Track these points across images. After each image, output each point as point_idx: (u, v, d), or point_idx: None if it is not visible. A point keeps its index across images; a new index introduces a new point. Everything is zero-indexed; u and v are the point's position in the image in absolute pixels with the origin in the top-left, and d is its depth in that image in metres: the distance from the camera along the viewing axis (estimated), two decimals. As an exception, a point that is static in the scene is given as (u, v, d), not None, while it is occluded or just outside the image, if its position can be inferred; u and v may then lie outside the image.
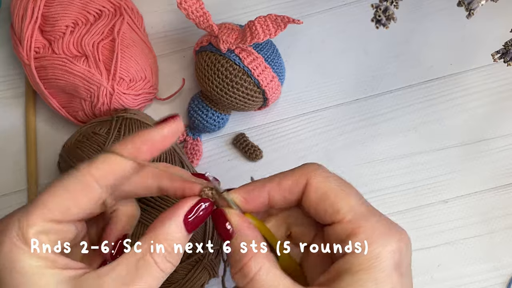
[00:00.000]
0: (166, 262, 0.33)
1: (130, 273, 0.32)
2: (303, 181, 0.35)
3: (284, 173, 0.36)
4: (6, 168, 0.56)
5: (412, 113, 0.56)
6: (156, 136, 0.35)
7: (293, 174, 0.35)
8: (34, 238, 0.32)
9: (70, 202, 0.33)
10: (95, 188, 0.33)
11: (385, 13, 0.43)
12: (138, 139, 0.35)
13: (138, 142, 0.34)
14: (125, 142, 0.35)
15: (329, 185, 0.34)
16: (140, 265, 0.32)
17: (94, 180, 0.33)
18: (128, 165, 0.34)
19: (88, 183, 0.33)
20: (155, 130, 0.35)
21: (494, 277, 0.53)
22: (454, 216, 0.54)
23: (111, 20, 0.54)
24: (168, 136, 0.35)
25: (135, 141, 0.34)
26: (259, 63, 0.52)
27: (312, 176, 0.35)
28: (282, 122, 0.56)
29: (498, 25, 0.55)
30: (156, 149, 0.35)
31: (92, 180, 0.33)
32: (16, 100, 0.58)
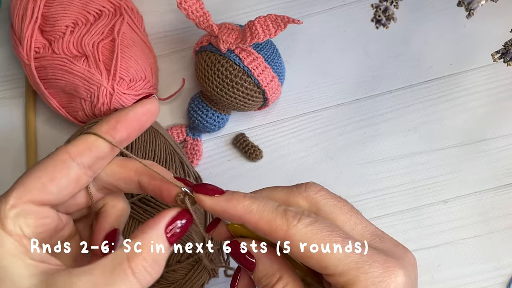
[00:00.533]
0: (144, 273, 0.32)
1: (104, 278, 0.31)
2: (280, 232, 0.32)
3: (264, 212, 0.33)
4: (6, 168, 0.56)
5: (412, 113, 0.56)
6: (130, 114, 0.35)
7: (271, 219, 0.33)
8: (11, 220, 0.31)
9: (46, 180, 0.33)
10: (71, 165, 0.34)
11: (385, 13, 0.43)
12: (112, 118, 0.35)
13: (113, 121, 0.35)
14: (101, 122, 0.35)
15: (310, 238, 0.32)
16: (116, 271, 0.31)
17: (69, 157, 0.34)
18: (104, 144, 0.34)
19: (63, 160, 0.33)
20: (128, 108, 0.35)
21: (494, 277, 0.53)
22: (454, 216, 0.54)
23: (111, 20, 0.54)
24: (142, 114, 0.35)
25: (110, 120, 0.35)
26: (259, 63, 0.52)
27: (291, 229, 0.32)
28: (282, 122, 0.56)
29: (498, 25, 0.55)
30: (131, 127, 0.35)
31: (67, 157, 0.34)
32: (16, 100, 0.58)
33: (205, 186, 0.34)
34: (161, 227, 0.33)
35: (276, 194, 0.35)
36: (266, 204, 0.33)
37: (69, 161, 0.34)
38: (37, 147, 0.56)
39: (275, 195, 0.35)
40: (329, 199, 0.35)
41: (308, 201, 0.35)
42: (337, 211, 0.34)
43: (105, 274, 0.31)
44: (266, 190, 0.36)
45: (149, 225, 0.33)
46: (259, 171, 0.55)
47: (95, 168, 0.35)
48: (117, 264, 0.31)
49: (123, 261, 0.31)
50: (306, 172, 0.55)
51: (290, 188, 0.35)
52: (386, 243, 0.34)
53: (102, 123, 0.35)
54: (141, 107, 0.36)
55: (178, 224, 0.33)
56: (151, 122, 0.36)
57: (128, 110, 0.35)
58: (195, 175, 0.52)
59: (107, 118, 0.35)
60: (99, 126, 0.35)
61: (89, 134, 0.35)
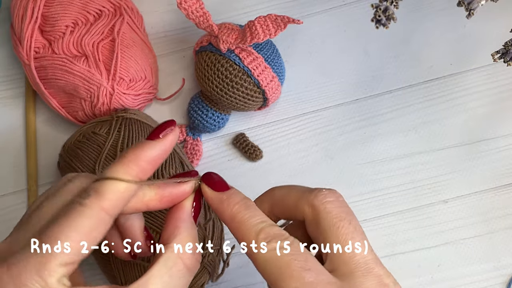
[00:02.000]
0: (195, 262, 0.33)
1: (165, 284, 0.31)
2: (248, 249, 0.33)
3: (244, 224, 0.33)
4: (6, 168, 0.56)
5: (412, 113, 0.56)
6: (158, 153, 0.33)
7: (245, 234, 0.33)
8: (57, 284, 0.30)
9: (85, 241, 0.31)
10: (108, 221, 0.32)
11: (385, 13, 0.43)
12: (141, 159, 0.33)
13: (142, 162, 0.32)
14: (128, 164, 0.32)
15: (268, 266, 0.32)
16: (173, 273, 0.32)
17: (106, 214, 0.31)
18: (134, 189, 0.33)
19: (101, 219, 0.31)
20: (157, 146, 0.33)
21: (494, 277, 0.53)
22: (454, 216, 0.54)
23: (111, 20, 0.54)
24: (168, 149, 0.34)
25: (139, 162, 0.32)
26: (259, 63, 0.52)
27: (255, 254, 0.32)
28: (282, 122, 0.56)
29: (498, 25, 0.55)
30: (157, 165, 0.34)
31: (104, 215, 0.31)
32: (16, 100, 0.58)
33: (212, 178, 0.35)
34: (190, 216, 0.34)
35: (291, 195, 0.35)
36: (250, 217, 0.33)
37: (106, 218, 0.31)
38: (37, 147, 0.56)
39: (289, 195, 0.35)
40: (330, 214, 0.33)
41: (312, 209, 0.34)
42: (332, 231, 0.33)
43: (163, 280, 0.31)
44: (285, 188, 0.36)
45: (180, 218, 0.34)
46: (259, 171, 0.55)
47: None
48: (171, 266, 0.32)
49: (176, 262, 0.32)
50: (306, 172, 0.55)
51: (303, 192, 0.35)
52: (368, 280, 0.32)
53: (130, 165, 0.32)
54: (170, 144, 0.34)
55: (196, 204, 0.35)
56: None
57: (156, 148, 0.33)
58: (195, 175, 0.52)
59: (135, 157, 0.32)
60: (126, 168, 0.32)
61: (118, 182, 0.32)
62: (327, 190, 0.34)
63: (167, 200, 0.35)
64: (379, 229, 0.54)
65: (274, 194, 0.36)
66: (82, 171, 0.49)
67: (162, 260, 0.32)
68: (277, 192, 0.36)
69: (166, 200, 0.35)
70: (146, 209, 0.35)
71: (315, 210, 0.33)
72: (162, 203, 0.35)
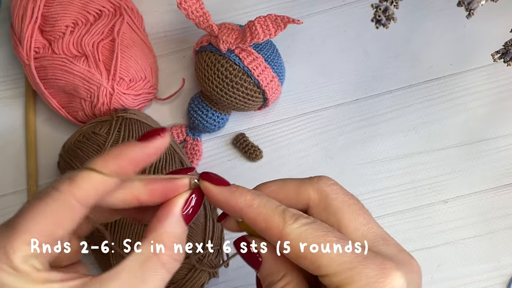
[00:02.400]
0: (172, 261, 0.32)
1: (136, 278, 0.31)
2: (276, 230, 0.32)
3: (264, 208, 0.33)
4: (6, 168, 0.56)
5: (412, 113, 0.56)
6: (140, 154, 0.33)
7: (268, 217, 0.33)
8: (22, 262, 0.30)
9: (53, 226, 0.31)
10: (77, 208, 0.32)
11: (385, 13, 0.43)
12: (121, 157, 0.33)
13: (121, 160, 0.33)
14: (107, 158, 0.33)
15: (305, 237, 0.32)
16: (146, 268, 0.31)
17: (76, 201, 0.32)
18: (110, 183, 0.33)
19: (70, 205, 0.32)
20: (139, 148, 0.33)
21: (494, 277, 0.53)
22: (454, 216, 0.54)
23: (111, 20, 0.54)
24: (153, 154, 0.34)
25: (118, 159, 0.33)
26: (259, 63, 0.52)
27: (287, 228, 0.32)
28: (282, 122, 0.56)
29: (498, 25, 0.55)
30: (139, 166, 0.34)
31: (74, 201, 0.32)
32: (16, 100, 0.58)
33: (211, 175, 0.35)
34: (177, 213, 0.33)
35: (288, 185, 0.35)
36: (267, 202, 0.33)
37: (75, 205, 0.32)
38: (37, 147, 0.56)
39: (286, 186, 0.35)
40: (339, 194, 0.34)
41: (318, 193, 0.34)
42: (344, 208, 0.34)
43: (135, 274, 0.31)
44: (278, 181, 0.36)
45: (165, 214, 0.33)
46: (259, 171, 0.55)
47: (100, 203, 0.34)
48: (144, 260, 0.31)
49: (150, 257, 0.32)
50: (306, 172, 0.55)
51: (302, 180, 0.35)
52: (390, 247, 0.33)
53: (108, 160, 0.33)
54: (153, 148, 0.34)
55: (191, 203, 0.34)
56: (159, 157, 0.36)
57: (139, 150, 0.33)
58: (195, 175, 0.52)
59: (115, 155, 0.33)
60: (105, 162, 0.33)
61: (94, 173, 0.32)
62: (325, 176, 0.35)
63: (158, 194, 0.34)
64: (379, 229, 0.54)
65: (266, 187, 0.36)
66: (82, 171, 0.49)
67: (137, 255, 0.32)
68: (269, 185, 0.36)
69: (157, 194, 0.34)
70: (138, 203, 0.35)
71: (323, 193, 0.34)
72: (153, 197, 0.34)
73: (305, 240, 0.32)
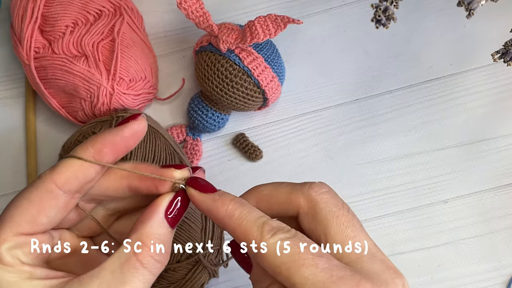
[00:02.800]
0: (153, 262, 0.32)
1: (115, 278, 0.31)
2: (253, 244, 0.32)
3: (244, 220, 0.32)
4: (6, 168, 0.56)
5: (412, 113, 0.56)
6: (117, 138, 0.34)
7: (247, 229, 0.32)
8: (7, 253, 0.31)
9: (35, 212, 0.32)
10: (59, 194, 0.33)
11: (385, 13, 0.43)
12: (98, 141, 0.34)
13: (99, 144, 0.33)
14: (86, 144, 0.34)
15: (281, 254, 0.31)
16: (125, 268, 0.31)
17: (56, 187, 0.33)
18: (91, 169, 0.33)
19: (50, 190, 0.32)
20: (114, 131, 0.34)
21: (494, 277, 0.53)
22: (454, 216, 0.54)
23: (111, 20, 0.54)
24: (129, 137, 0.34)
25: (96, 144, 0.34)
26: (259, 63, 0.52)
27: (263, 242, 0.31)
28: (282, 122, 0.56)
29: (498, 25, 0.55)
30: (119, 151, 0.34)
31: (54, 187, 0.33)
32: (16, 100, 0.58)
33: (198, 181, 0.34)
34: (161, 214, 0.33)
35: (281, 190, 0.35)
36: (248, 213, 0.32)
37: (56, 191, 0.33)
38: (37, 147, 0.56)
39: (279, 190, 0.35)
40: (328, 204, 0.33)
41: (308, 201, 0.34)
42: (332, 220, 0.33)
43: (114, 274, 0.31)
44: (272, 185, 0.35)
45: (148, 215, 0.33)
46: (259, 171, 0.55)
47: (83, 190, 0.34)
48: (124, 261, 0.31)
49: (130, 257, 0.31)
50: (306, 172, 0.55)
51: (294, 186, 0.35)
52: (375, 264, 0.32)
53: (87, 146, 0.34)
54: (128, 130, 0.34)
55: (177, 206, 0.34)
56: (138, 142, 0.35)
57: (115, 133, 0.34)
58: (195, 175, 0.52)
59: (93, 140, 0.34)
60: (84, 149, 0.34)
61: (73, 159, 0.33)
62: (319, 182, 0.34)
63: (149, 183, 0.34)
64: (379, 229, 0.54)
65: (260, 191, 0.35)
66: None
67: (117, 253, 0.32)
68: (263, 188, 0.35)
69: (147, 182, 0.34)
70: (128, 189, 0.35)
71: (312, 201, 0.33)
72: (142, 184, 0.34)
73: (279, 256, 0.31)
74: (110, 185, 0.35)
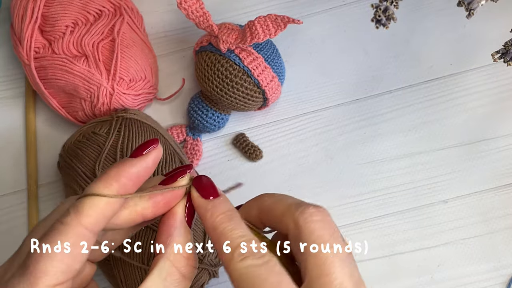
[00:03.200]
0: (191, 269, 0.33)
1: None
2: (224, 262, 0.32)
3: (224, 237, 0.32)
4: (6, 168, 0.56)
5: (412, 113, 0.56)
6: (141, 170, 0.33)
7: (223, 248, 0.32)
8: None
9: (70, 261, 0.31)
10: (89, 237, 0.32)
11: (385, 13, 0.43)
12: (122, 176, 0.33)
13: (124, 179, 0.33)
14: (108, 180, 0.32)
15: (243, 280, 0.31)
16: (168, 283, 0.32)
17: (86, 230, 0.31)
18: (117, 204, 0.32)
19: (81, 236, 0.31)
20: (138, 163, 0.33)
21: (494, 277, 0.53)
22: (454, 216, 0.54)
23: (111, 20, 0.54)
24: (151, 167, 0.34)
25: (120, 178, 0.32)
26: (259, 63, 0.52)
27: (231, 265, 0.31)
28: (282, 122, 0.56)
29: (498, 25, 0.55)
30: (140, 182, 0.34)
31: (84, 230, 0.31)
32: (16, 100, 0.58)
33: (203, 184, 0.34)
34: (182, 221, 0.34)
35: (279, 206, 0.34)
36: (231, 230, 0.32)
37: (88, 235, 0.31)
38: (37, 147, 0.56)
39: (277, 206, 0.34)
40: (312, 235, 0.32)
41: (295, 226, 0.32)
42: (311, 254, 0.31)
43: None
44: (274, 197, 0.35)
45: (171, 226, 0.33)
46: (259, 171, 0.55)
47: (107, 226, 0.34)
48: (165, 276, 0.32)
49: (171, 270, 0.32)
50: (306, 172, 0.55)
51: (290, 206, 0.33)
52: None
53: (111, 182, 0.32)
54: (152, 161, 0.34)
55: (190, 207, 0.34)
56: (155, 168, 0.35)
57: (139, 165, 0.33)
58: (195, 175, 0.52)
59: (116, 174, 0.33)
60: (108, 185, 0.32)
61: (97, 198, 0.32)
62: (314, 208, 0.32)
63: (162, 205, 0.34)
64: (379, 229, 0.54)
65: (263, 201, 0.35)
66: (82, 171, 0.49)
67: (156, 270, 0.32)
68: (266, 199, 0.35)
69: (160, 206, 0.34)
70: (143, 218, 0.34)
71: (298, 228, 0.32)
72: (157, 209, 0.34)
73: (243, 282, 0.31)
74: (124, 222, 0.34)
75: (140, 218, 0.34)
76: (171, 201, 0.34)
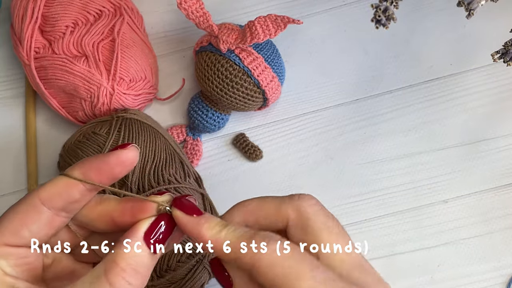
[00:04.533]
0: (124, 284, 0.31)
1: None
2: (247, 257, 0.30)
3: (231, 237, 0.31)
4: (6, 168, 0.56)
5: (412, 113, 0.56)
6: (102, 164, 0.34)
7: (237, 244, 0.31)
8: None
9: (18, 224, 0.33)
10: (42, 210, 0.33)
11: (385, 13, 0.43)
12: (85, 165, 0.34)
13: (85, 167, 0.33)
14: (75, 165, 0.34)
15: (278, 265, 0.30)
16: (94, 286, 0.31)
17: (40, 202, 0.33)
18: (75, 189, 0.33)
19: (34, 205, 0.33)
20: (101, 157, 0.34)
21: (494, 277, 0.53)
22: (454, 216, 0.54)
23: (111, 20, 0.54)
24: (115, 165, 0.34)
25: (83, 166, 0.34)
26: (259, 63, 0.52)
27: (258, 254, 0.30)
28: (282, 122, 0.56)
29: (498, 25, 0.55)
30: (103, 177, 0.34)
31: (38, 202, 0.33)
32: (16, 100, 0.58)
33: (183, 203, 0.33)
34: (139, 235, 0.32)
35: (268, 203, 0.34)
36: (234, 230, 0.32)
37: (39, 206, 0.33)
38: (37, 147, 0.56)
39: (266, 204, 0.34)
40: (319, 216, 0.33)
41: (298, 213, 0.33)
42: (324, 231, 0.32)
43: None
44: (257, 199, 0.34)
45: (125, 235, 0.32)
46: (259, 171, 0.55)
47: (69, 210, 0.34)
48: (94, 279, 0.31)
49: (100, 275, 0.31)
50: (306, 172, 0.55)
51: (282, 198, 0.34)
52: (367, 276, 0.32)
53: (75, 167, 0.34)
54: (114, 158, 0.34)
55: (160, 229, 0.33)
56: (126, 173, 0.35)
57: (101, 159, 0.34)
58: (195, 175, 0.52)
59: (81, 162, 0.34)
60: (72, 169, 0.34)
61: (61, 177, 0.34)
62: (307, 195, 0.33)
63: (128, 213, 0.34)
64: (379, 229, 0.54)
65: (246, 205, 0.34)
66: (82, 171, 0.49)
67: (90, 275, 0.31)
68: (249, 203, 0.34)
69: (127, 213, 0.34)
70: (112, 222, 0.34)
71: (302, 213, 0.32)
72: (124, 216, 0.34)
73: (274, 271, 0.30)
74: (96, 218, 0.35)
75: (109, 218, 0.34)
76: (137, 214, 0.33)
